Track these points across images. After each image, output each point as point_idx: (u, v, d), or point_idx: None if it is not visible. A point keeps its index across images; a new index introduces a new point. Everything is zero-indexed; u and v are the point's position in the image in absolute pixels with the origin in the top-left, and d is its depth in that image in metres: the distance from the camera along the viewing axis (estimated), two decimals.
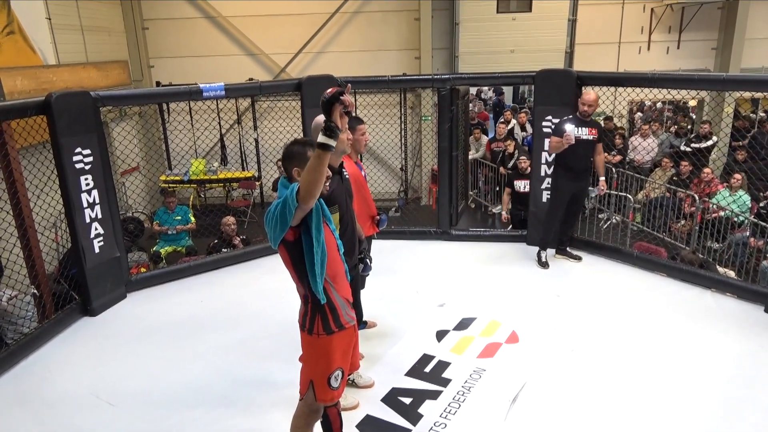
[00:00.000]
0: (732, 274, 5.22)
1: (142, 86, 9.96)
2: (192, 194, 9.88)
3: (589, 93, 4.72)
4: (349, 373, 2.85)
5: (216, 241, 6.09)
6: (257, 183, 9.78)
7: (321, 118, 2.87)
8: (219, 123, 9.78)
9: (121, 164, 7.20)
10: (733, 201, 6.64)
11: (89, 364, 3.67)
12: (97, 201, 4.34)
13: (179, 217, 7.12)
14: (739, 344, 3.68)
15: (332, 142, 2.06)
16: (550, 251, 5.09)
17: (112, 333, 4.08)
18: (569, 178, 4.78)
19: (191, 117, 9.22)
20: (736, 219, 6.59)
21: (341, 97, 2.13)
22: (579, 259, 5.09)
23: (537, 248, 5.06)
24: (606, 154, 7.80)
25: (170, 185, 9.23)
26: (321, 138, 2.06)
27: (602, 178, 4.98)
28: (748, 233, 6.34)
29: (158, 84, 10.09)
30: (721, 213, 6.56)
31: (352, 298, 2.60)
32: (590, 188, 5.12)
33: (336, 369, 2.45)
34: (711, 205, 6.73)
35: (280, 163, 8.13)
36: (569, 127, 4.60)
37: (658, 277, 4.77)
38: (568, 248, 5.13)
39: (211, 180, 9.72)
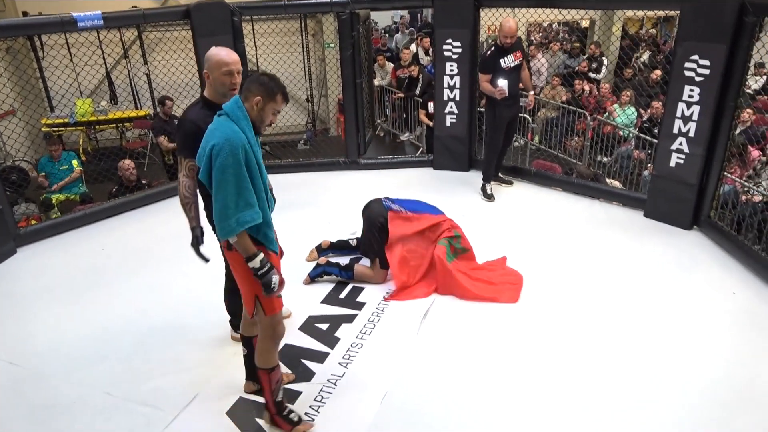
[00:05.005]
0: (618, 184, 5.70)
1: (4, 17, 8.77)
2: (81, 137, 9.09)
3: (508, 21, 4.67)
4: None
5: (117, 187, 5.68)
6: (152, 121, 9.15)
7: (214, 50, 2.67)
8: (103, 58, 8.89)
9: None
10: (624, 114, 7.11)
11: None
12: None
13: (65, 167, 6.54)
14: (623, 244, 4.16)
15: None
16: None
17: (4, 292, 3.82)
18: (504, 105, 4.81)
19: (69, 52, 8.29)
20: (622, 133, 7.10)
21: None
22: (510, 183, 5.28)
23: (448, 171, 5.21)
24: None
25: (54, 129, 8.41)
26: (258, 269, 2.31)
27: (531, 92, 5.13)
28: (632, 146, 6.87)
29: (25, 14, 8.93)
30: (615, 129, 7.04)
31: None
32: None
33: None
34: (602, 122, 7.17)
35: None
36: (501, 83, 4.65)
37: (554, 191, 5.12)
38: (500, 174, 5.29)
39: (100, 121, 8.94)
